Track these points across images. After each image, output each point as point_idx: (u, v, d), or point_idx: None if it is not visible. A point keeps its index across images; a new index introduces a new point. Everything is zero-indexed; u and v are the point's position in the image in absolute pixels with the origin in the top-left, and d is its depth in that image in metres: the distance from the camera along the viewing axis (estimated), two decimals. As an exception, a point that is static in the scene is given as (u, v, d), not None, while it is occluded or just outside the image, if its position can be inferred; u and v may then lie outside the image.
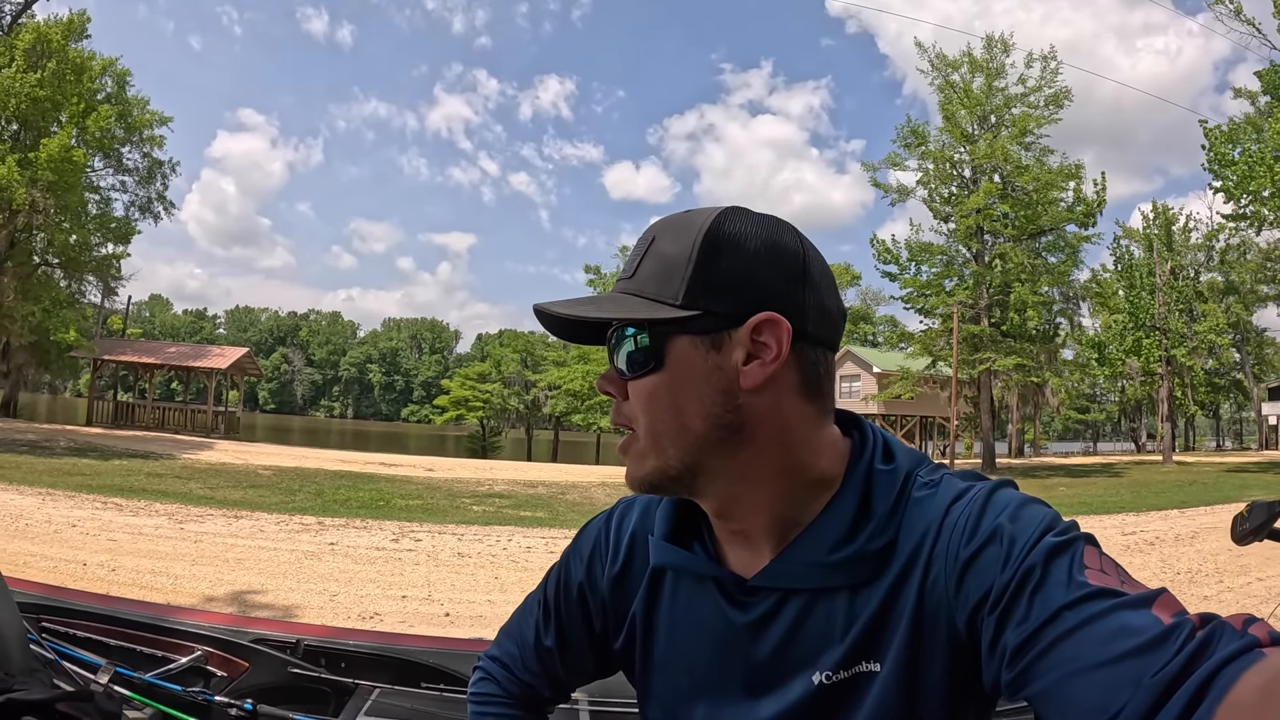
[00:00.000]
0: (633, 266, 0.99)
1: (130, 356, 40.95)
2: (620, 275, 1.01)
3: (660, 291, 0.95)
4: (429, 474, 26.86)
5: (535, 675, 1.27)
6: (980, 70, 35.54)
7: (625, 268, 1.01)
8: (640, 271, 0.98)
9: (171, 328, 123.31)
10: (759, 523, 1.00)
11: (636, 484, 1.00)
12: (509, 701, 1.28)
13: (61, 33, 31.01)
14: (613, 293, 1.00)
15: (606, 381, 1.01)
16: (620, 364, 0.99)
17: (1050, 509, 0.91)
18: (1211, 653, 0.67)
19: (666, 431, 0.96)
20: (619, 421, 1.01)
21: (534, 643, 1.25)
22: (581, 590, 1.20)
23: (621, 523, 1.19)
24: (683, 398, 0.95)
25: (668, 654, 1.10)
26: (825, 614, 0.96)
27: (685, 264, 0.94)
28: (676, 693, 1.09)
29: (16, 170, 27.91)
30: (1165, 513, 19.06)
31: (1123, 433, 70.08)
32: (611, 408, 1.03)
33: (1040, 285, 34.72)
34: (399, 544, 13.38)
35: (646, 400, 0.97)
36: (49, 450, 24.05)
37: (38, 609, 2.97)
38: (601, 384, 1.01)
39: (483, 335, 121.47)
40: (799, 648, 0.97)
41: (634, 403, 0.98)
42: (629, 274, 0.99)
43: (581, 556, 1.21)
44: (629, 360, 0.97)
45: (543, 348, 61.85)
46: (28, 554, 9.91)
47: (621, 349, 0.98)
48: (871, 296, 72.41)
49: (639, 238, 1.01)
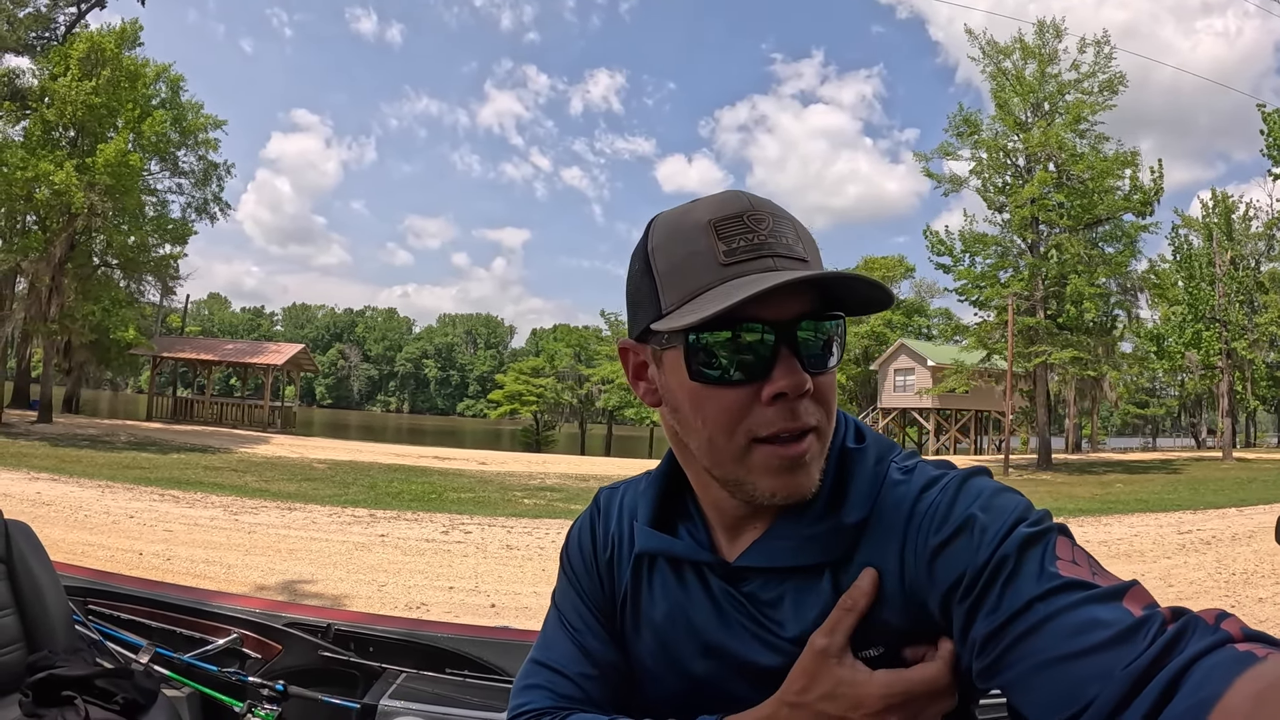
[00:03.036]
0: (796, 247, 0.93)
1: (189, 353, 41.82)
2: (780, 250, 0.91)
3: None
4: (482, 467, 27.04)
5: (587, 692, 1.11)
6: (1033, 56, 34.84)
7: (782, 242, 0.92)
8: (809, 256, 0.94)
9: (230, 325, 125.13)
10: (771, 507, 1.00)
11: (814, 487, 0.95)
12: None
13: (115, 41, 31.63)
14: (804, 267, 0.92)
15: (805, 375, 0.90)
16: (815, 352, 0.93)
17: (1023, 498, 0.90)
18: (1183, 647, 0.67)
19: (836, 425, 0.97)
20: (806, 421, 0.92)
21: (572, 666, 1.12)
22: (586, 595, 1.17)
23: (608, 512, 1.20)
24: None
25: (652, 633, 1.10)
26: (809, 594, 0.97)
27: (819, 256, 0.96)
28: (661, 671, 1.09)
29: (75, 175, 28.46)
30: (1223, 511, 18.55)
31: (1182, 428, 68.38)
32: (780, 410, 0.91)
33: (1097, 276, 33.94)
34: (449, 536, 13.51)
35: (832, 394, 0.95)
36: (109, 445, 24.62)
37: (85, 592, 3.08)
38: (804, 379, 0.90)
39: (537, 330, 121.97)
40: (786, 629, 0.97)
41: (819, 397, 0.93)
42: (801, 254, 0.92)
43: (574, 560, 1.20)
44: (828, 350, 0.94)
45: (596, 342, 62.00)
46: (86, 543, 10.17)
47: (833, 334, 0.95)
48: (926, 289, 71.35)
49: (761, 208, 0.94)
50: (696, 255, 0.91)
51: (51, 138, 30.77)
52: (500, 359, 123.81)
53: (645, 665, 1.11)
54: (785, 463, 0.91)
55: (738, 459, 0.93)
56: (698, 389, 0.93)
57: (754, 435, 0.91)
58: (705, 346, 0.91)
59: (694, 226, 0.93)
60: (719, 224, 0.91)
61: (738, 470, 0.94)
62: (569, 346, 63.13)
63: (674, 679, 1.08)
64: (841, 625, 0.91)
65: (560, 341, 65.99)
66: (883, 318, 58.89)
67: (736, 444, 0.92)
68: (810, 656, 0.91)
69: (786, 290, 0.86)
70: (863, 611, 0.91)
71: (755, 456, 0.92)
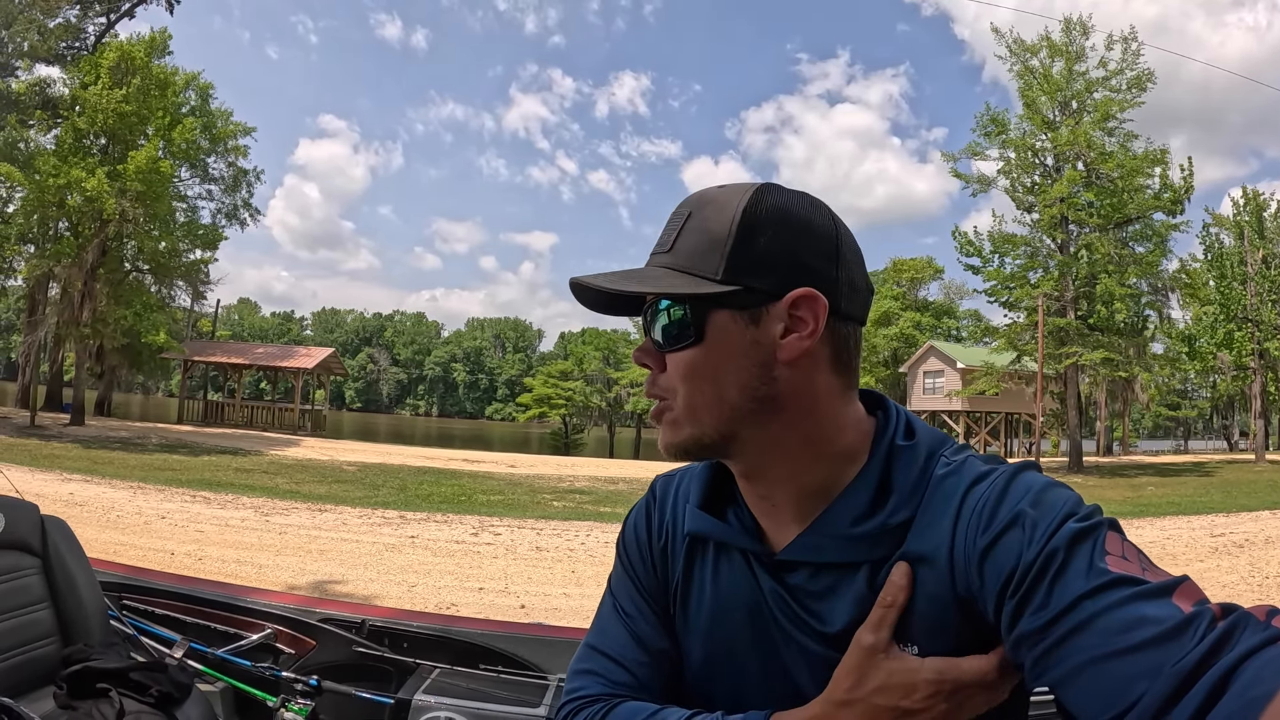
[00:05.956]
0: (670, 240, 0.99)
1: (219, 357, 42.18)
2: (656, 248, 1.02)
3: (700, 266, 0.96)
4: (511, 470, 27.15)
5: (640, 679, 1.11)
6: (1060, 54, 34.57)
7: (661, 241, 1.01)
8: (679, 245, 0.98)
9: (260, 330, 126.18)
10: (786, 493, 1.02)
11: (671, 450, 1.01)
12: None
13: (144, 50, 32.07)
14: (650, 266, 1.01)
15: (644, 354, 1.02)
16: (657, 336, 1.00)
17: (1073, 493, 0.90)
18: (1234, 644, 0.66)
19: (704, 403, 0.97)
20: (654, 393, 1.02)
21: (625, 652, 1.12)
22: (641, 581, 1.18)
23: (663, 499, 1.21)
24: (721, 370, 0.96)
25: (703, 622, 1.10)
26: (851, 589, 0.96)
27: (725, 240, 0.95)
28: (710, 660, 1.09)
29: (106, 182, 28.87)
30: (1256, 514, 18.43)
31: (1214, 430, 67.70)
32: (646, 379, 1.04)
33: (1128, 276, 33.62)
34: (478, 538, 13.56)
35: (685, 371, 0.98)
36: (141, 447, 24.87)
37: (120, 587, 3.10)
38: (639, 356, 1.02)
39: (565, 333, 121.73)
40: (829, 624, 0.97)
41: (671, 374, 0.99)
42: (665, 248, 0.99)
43: (629, 547, 1.21)
44: (665, 333, 0.99)
45: (625, 345, 62.15)
46: (118, 543, 10.27)
47: (658, 322, 0.99)
48: (955, 290, 70.88)
49: (674, 211, 1.02)
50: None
51: (83, 145, 31.23)
52: (529, 363, 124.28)
53: (694, 653, 1.11)
54: (654, 419, 1.03)
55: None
56: None
57: None
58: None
59: None
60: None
61: None
62: (597, 350, 63.27)
63: (722, 668, 1.08)
64: (886, 621, 0.91)
65: (588, 345, 66.09)
66: (911, 319, 58.69)
67: None
68: (857, 653, 0.92)
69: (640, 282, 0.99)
70: (903, 606, 0.91)
71: None
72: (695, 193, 1.03)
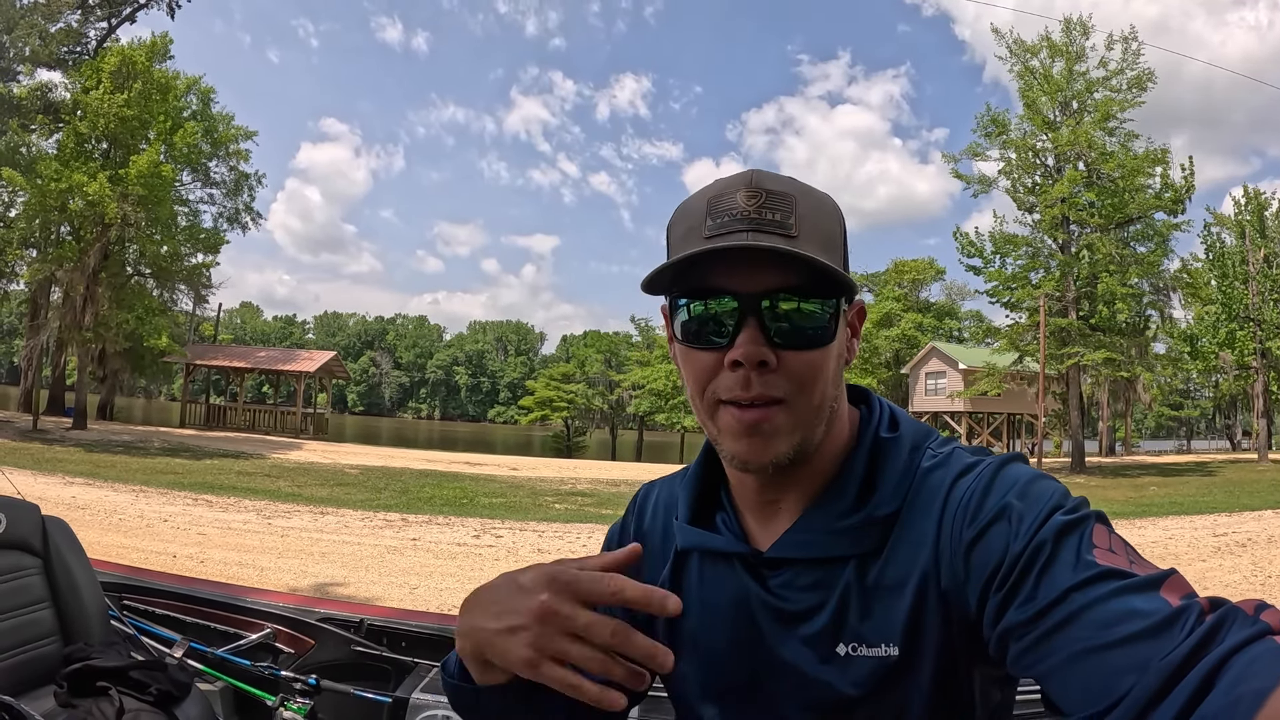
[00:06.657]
0: (787, 223, 0.91)
1: (221, 361, 42.19)
2: (755, 224, 0.91)
3: (831, 260, 0.91)
4: (513, 473, 27.13)
5: None
6: (1060, 54, 34.53)
7: (761, 219, 0.91)
8: (802, 233, 0.92)
9: (262, 333, 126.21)
10: (797, 495, 1.02)
11: (776, 458, 0.95)
12: None
13: (145, 54, 32.14)
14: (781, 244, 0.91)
15: (757, 349, 0.91)
16: (782, 329, 0.93)
17: (1060, 485, 0.89)
18: (1221, 639, 0.66)
19: (820, 406, 0.96)
20: (762, 393, 0.92)
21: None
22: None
23: (641, 509, 1.22)
24: (836, 372, 0.97)
25: (695, 633, 1.09)
26: (839, 585, 0.96)
27: (839, 237, 0.97)
28: (704, 669, 1.08)
29: (108, 186, 28.92)
30: (1259, 513, 18.37)
31: (1217, 430, 67.56)
32: (738, 377, 0.93)
33: (1129, 276, 33.55)
34: (480, 540, 13.55)
35: (809, 372, 0.93)
36: (143, 450, 24.89)
37: (120, 587, 3.11)
38: (755, 352, 0.91)
39: (567, 336, 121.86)
40: (817, 620, 0.97)
41: (788, 372, 0.93)
42: (788, 230, 0.91)
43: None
44: (798, 329, 0.93)
45: (626, 348, 62.08)
46: (120, 546, 10.27)
47: (783, 316, 0.93)
48: (956, 291, 70.79)
49: (760, 186, 0.93)
50: (691, 230, 0.95)
51: (84, 150, 31.28)
52: (531, 365, 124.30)
53: (680, 659, 1.09)
54: (743, 427, 0.93)
55: (709, 416, 0.98)
56: (683, 349, 0.98)
57: (717, 396, 0.95)
58: (688, 311, 0.96)
59: (697, 204, 0.96)
60: (715, 200, 0.94)
61: (712, 428, 0.98)
62: (599, 352, 63.25)
63: (707, 672, 1.08)
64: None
65: (590, 347, 66.04)
66: (913, 321, 58.59)
67: (707, 402, 0.97)
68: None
69: (754, 263, 0.90)
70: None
71: (721, 417, 0.96)
72: (764, 173, 0.95)
